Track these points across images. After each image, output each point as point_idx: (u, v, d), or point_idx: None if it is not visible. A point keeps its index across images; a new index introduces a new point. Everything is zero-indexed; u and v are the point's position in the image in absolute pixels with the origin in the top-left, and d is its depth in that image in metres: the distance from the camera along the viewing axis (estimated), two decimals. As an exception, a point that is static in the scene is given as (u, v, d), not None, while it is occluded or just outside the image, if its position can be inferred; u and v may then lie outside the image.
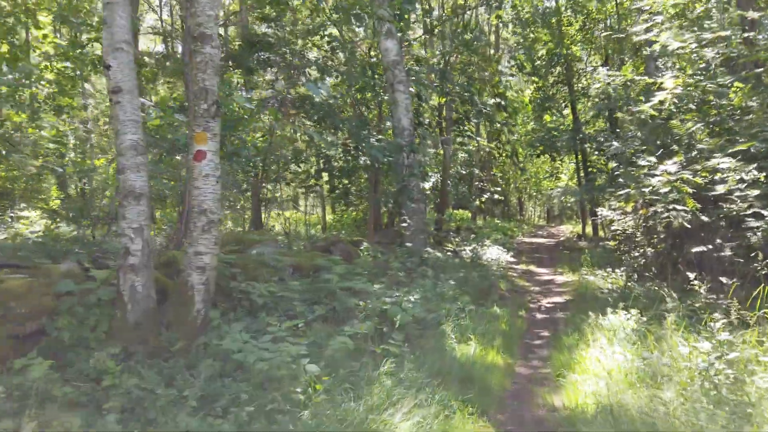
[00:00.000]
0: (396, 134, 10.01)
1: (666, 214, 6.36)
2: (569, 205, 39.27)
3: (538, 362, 5.94)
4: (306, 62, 9.37)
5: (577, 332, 6.52)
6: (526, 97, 14.02)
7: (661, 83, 7.42)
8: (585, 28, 18.59)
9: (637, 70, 9.41)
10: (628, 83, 8.47)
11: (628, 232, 11.10)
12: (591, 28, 18.93)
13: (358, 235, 13.05)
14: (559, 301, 9.45)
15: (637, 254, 10.87)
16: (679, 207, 6.43)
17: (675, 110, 7.69)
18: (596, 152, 16.96)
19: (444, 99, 13.07)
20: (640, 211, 7.23)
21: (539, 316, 8.24)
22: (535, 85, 13.83)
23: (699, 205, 6.20)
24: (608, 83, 8.16)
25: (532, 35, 15.15)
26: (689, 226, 6.36)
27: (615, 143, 12.16)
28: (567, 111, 19.76)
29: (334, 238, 8.59)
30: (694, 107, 7.60)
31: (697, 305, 6.34)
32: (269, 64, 9.74)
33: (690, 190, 6.22)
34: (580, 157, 19.12)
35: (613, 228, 11.58)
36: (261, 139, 10.94)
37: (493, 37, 20.38)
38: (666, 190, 6.44)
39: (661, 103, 7.61)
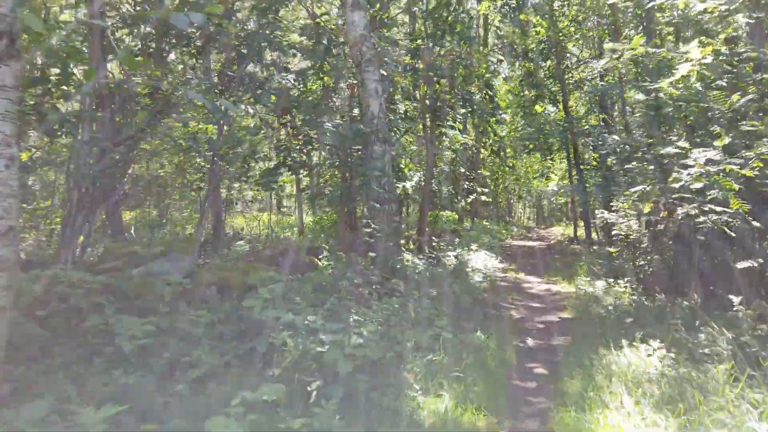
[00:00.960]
0: (365, 122, 8.27)
1: (702, 218, 4.65)
2: (559, 206, 37.73)
3: (533, 423, 4.20)
4: (258, 40, 7.56)
5: (584, 374, 4.80)
6: (515, 85, 12.35)
7: (686, 54, 5.71)
8: (578, 19, 17.04)
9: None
10: (640, 57, 6.75)
11: (631, 237, 9.45)
12: (584, 19, 17.38)
13: (338, 239, 11.30)
14: (556, 320, 7.74)
15: (642, 263, 9.22)
16: (718, 208, 4.73)
17: (701, 88, 5.97)
18: (591, 148, 15.31)
19: (426, 89, 11.32)
20: (662, 214, 5.51)
21: (531, 342, 6.51)
22: (525, 68, 12.15)
23: (748, 206, 4.49)
24: (617, 57, 6.44)
25: (523, 15, 13.45)
26: (734, 235, 4.65)
27: (615, 136, 10.56)
28: (559, 106, 18.19)
29: (283, 246, 6.83)
30: (725, 83, 5.89)
31: (743, 338, 4.67)
32: (215, 43, 7.93)
33: (735, 186, 4.52)
34: (572, 155, 17.51)
35: (614, 232, 9.93)
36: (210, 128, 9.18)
37: (481, 32, 18.71)
38: (700, 185, 4.73)
39: (685, 78, 5.92)
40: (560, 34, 15.92)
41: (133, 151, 6.02)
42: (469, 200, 17.45)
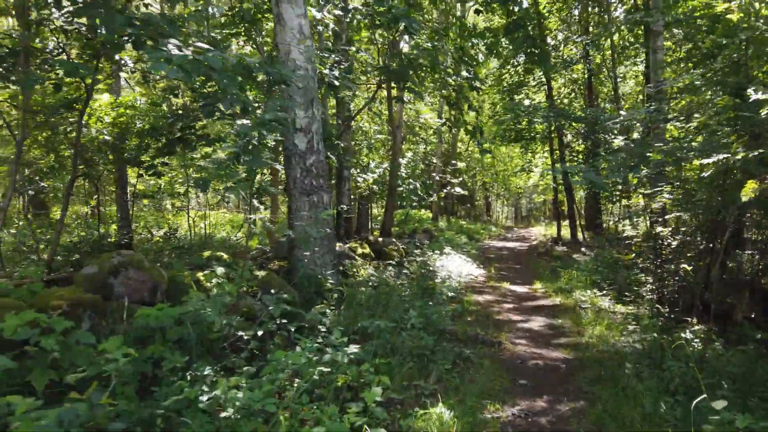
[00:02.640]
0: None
1: None
2: (537, 206, 35.37)
3: None
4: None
5: None
6: (494, 41, 9.73)
7: None
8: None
9: None
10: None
11: (650, 241, 6.91)
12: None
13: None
14: (554, 362, 5.03)
15: (666, 274, 6.65)
16: None
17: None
18: (580, 136, 12.75)
19: (385, 46, 8.55)
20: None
21: (526, 421, 3.76)
22: (506, 19, 9.49)
23: None
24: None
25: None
26: None
27: (623, 113, 8.03)
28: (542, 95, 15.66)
29: (123, 259, 3.98)
30: None
31: None
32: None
33: None
34: (556, 146, 14.98)
35: (626, 233, 7.32)
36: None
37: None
38: None
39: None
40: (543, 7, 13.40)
41: None
42: (442, 194, 14.72)
